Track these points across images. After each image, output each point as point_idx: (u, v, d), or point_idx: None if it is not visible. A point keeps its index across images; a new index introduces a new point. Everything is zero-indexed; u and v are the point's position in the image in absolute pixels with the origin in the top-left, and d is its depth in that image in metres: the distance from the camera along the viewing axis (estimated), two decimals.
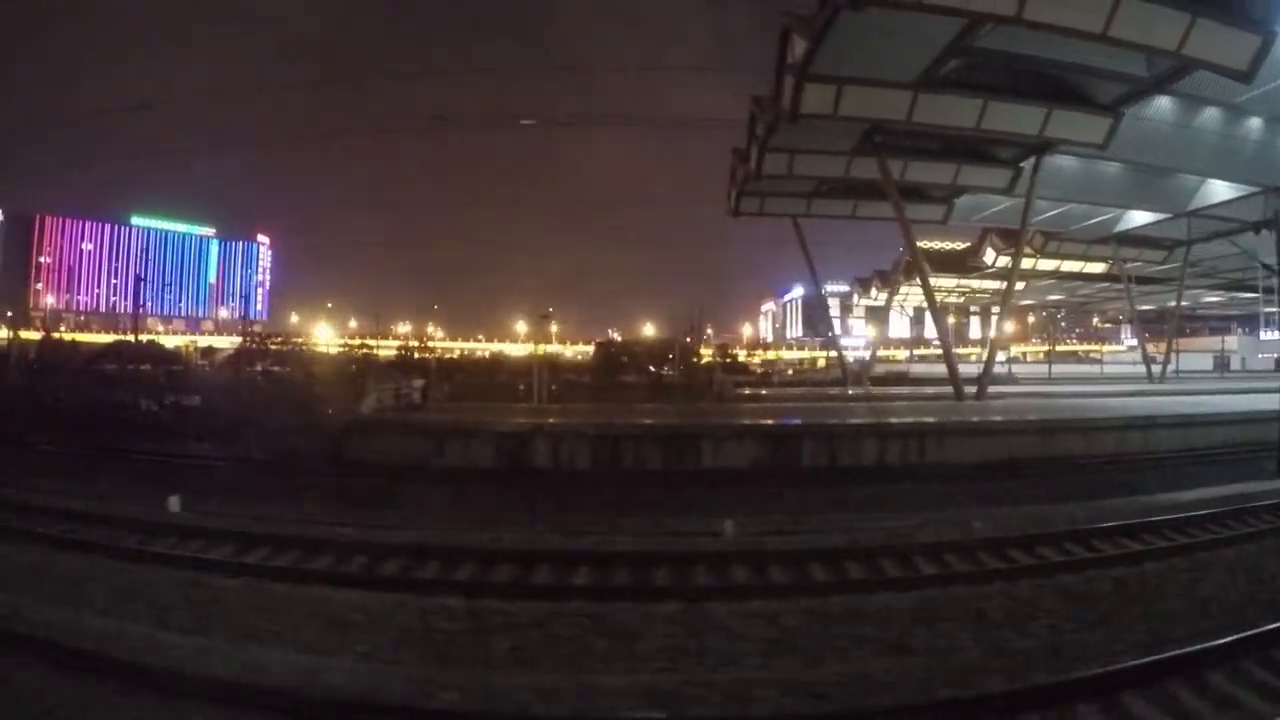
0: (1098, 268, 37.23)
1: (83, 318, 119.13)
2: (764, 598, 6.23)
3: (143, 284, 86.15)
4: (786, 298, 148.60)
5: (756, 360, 68.05)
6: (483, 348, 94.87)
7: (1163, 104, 19.13)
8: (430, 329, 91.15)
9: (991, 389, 22.39)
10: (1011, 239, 35.73)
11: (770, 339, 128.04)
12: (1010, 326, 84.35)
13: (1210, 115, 19.92)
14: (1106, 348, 77.80)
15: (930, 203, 26.47)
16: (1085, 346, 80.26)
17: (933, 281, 46.28)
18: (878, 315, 70.90)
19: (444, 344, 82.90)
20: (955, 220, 29.28)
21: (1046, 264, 36.62)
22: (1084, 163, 23.12)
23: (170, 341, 71.39)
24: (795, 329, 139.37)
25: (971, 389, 21.47)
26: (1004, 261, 37.85)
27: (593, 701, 4.20)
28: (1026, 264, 38.47)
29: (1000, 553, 7.48)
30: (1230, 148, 20.64)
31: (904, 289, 51.35)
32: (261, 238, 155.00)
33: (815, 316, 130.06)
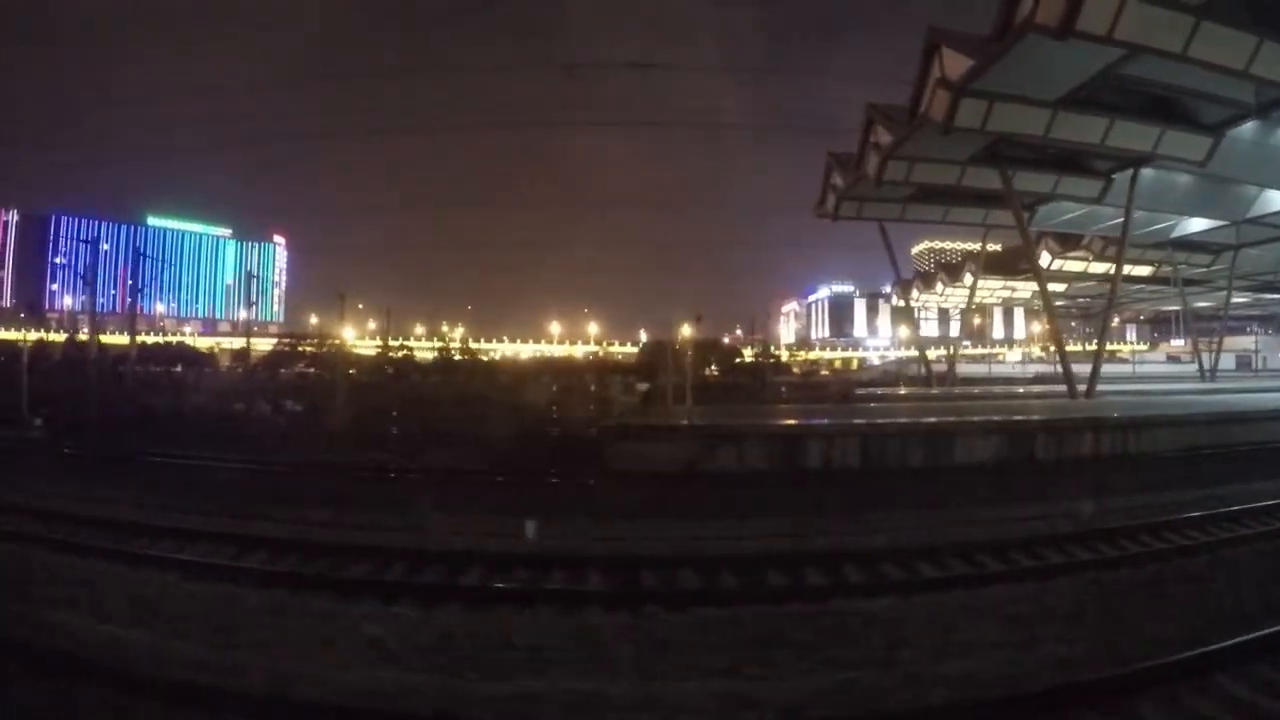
0: (1143, 270, 40.24)
1: (99, 319, 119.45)
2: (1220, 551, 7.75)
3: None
4: (811, 298, 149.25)
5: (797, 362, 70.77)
6: (512, 349, 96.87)
7: (1246, 123, 21.96)
8: (454, 331, 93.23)
9: (1061, 388, 24.79)
10: (1068, 244, 38.81)
11: (792, 340, 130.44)
12: (1038, 327, 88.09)
13: None
14: (1128, 347, 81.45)
15: None
16: (1114, 347, 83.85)
17: (979, 284, 49.70)
18: (904, 317, 74.19)
19: (476, 346, 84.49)
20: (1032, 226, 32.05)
21: (1098, 267, 39.62)
22: (1159, 173, 25.62)
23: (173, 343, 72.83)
24: (820, 330, 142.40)
25: (1080, 387, 23.75)
26: (1058, 264, 40.84)
27: None
28: (1078, 267, 41.74)
29: None
30: None
31: (946, 290, 54.45)
32: (278, 238, 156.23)
33: (842, 317, 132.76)
